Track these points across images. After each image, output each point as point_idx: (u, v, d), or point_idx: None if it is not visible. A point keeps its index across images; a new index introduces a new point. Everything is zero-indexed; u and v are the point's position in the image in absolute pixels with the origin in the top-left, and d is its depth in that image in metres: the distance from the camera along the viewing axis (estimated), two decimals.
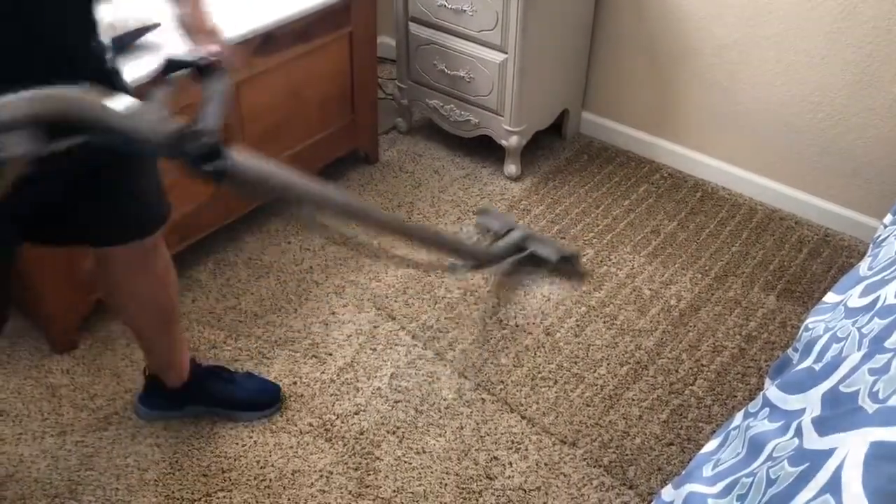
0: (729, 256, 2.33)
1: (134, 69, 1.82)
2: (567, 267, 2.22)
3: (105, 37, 1.76)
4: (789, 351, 1.44)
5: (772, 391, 1.20)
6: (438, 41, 2.52)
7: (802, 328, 1.44)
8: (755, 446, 1.11)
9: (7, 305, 1.44)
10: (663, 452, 1.79)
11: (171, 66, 1.26)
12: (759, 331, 2.09)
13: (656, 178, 2.64)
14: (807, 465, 0.94)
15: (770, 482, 0.98)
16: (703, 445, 1.66)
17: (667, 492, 1.15)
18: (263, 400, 1.84)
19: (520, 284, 2.18)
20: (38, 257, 1.79)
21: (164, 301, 1.63)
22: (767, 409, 1.18)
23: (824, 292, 2.16)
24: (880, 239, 1.59)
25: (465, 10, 2.39)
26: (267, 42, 2.08)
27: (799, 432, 1.03)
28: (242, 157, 1.27)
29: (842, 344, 1.21)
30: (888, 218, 1.71)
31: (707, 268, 2.29)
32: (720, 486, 1.08)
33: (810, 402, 1.09)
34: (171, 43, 1.92)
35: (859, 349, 1.15)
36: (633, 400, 1.90)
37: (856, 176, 2.35)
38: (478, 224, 2.38)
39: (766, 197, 2.54)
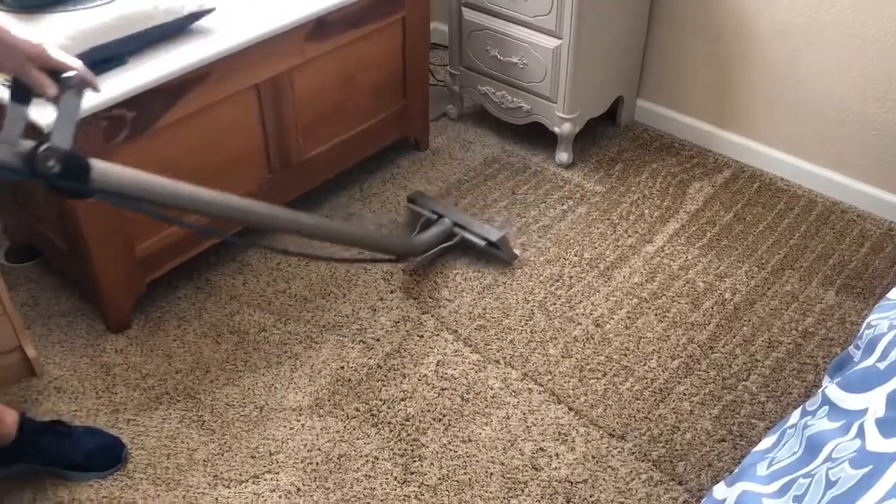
0: (787, 250, 2.26)
1: (188, 54, 1.84)
2: (496, 250, 2.17)
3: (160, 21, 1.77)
4: (850, 348, 1.39)
5: (832, 389, 1.15)
6: (492, 27, 2.49)
7: (865, 325, 1.38)
8: (813, 446, 1.07)
9: None
10: (714, 448, 1.75)
11: (21, 86, 1.21)
12: (816, 327, 2.03)
13: (712, 167, 2.58)
14: (870, 467, 0.91)
15: (830, 484, 0.94)
16: (755, 443, 1.63)
17: (719, 489, 1.12)
18: (103, 460, 1.69)
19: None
20: (96, 238, 1.83)
21: None
22: (827, 408, 1.14)
23: (887, 288, 2.09)
24: None
25: None
26: (321, 27, 2.08)
27: (861, 433, 0.99)
28: (107, 168, 1.27)
29: None
30: None
31: (763, 261, 2.23)
32: (776, 485, 1.05)
33: (873, 403, 1.05)
34: (225, 26, 1.93)
35: None
36: (685, 394, 1.86)
37: None
38: (409, 210, 2.33)
39: (827, 189, 2.46)
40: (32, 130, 1.56)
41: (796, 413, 1.22)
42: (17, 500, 1.64)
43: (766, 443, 1.21)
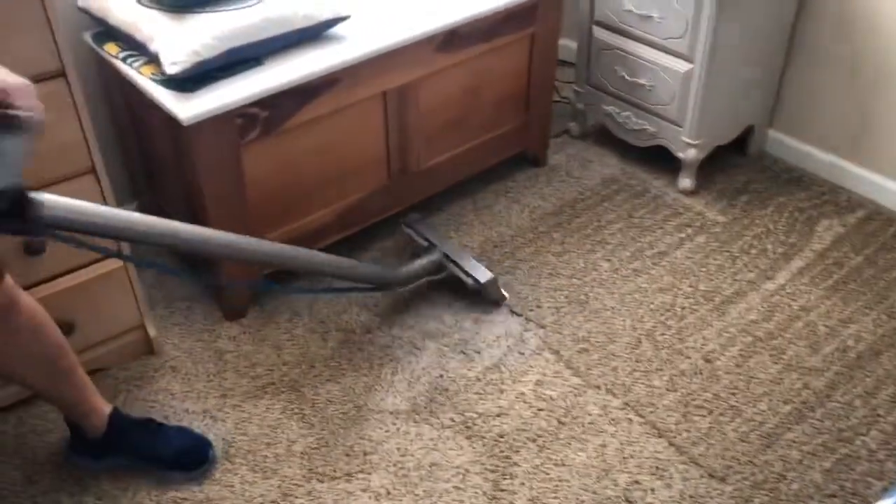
0: None
1: (322, 58, 1.90)
2: (484, 291, 2.08)
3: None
4: None
5: None
6: (622, 47, 2.45)
7: None
8: None
9: None
10: (823, 503, 1.65)
11: None
12: None
13: (845, 206, 2.44)
14: None
15: None
16: (870, 503, 1.52)
17: None
18: (189, 460, 1.71)
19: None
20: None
21: (43, 351, 1.51)
22: None
23: None
24: None
25: (652, 17, 2.31)
26: (451, 39, 2.10)
27: None
28: (56, 203, 1.21)
29: None
30: None
31: (894, 310, 2.09)
32: None
33: None
34: (358, 34, 1.99)
35: None
36: (794, 442, 1.77)
37: None
38: (403, 233, 2.25)
39: None
40: None
41: None
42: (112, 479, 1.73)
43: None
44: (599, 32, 2.50)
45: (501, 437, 1.79)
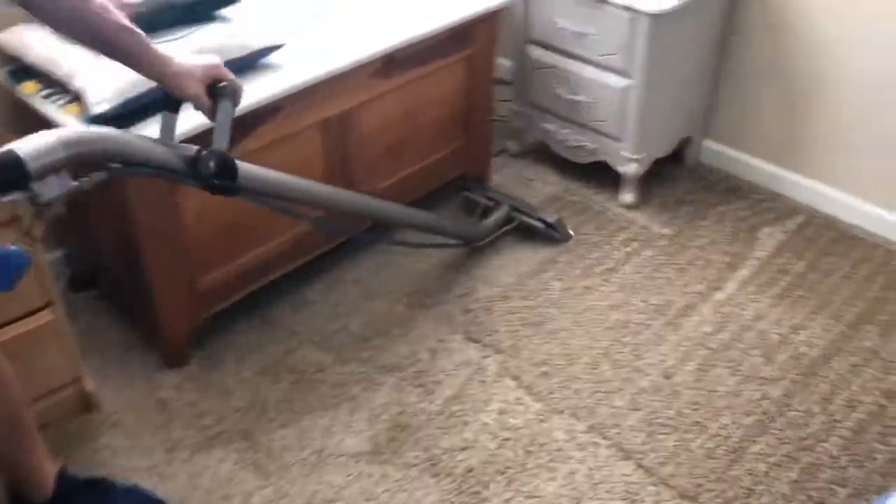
0: (864, 303, 2.16)
1: (260, 88, 1.82)
2: (553, 232, 2.34)
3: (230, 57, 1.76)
4: None
5: None
6: (558, 65, 2.44)
7: None
8: None
9: None
10: None
11: (173, 98, 1.35)
12: None
13: (783, 213, 2.49)
14: None
15: None
16: None
17: None
18: None
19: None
20: (157, 272, 1.81)
21: (2, 407, 1.46)
22: None
23: None
24: None
25: (588, 34, 2.31)
26: (388, 64, 2.05)
27: None
28: (247, 168, 1.41)
29: None
30: None
31: (840, 314, 2.13)
32: None
33: None
34: (293, 62, 1.92)
35: None
36: (760, 454, 1.77)
37: None
38: (465, 199, 2.49)
39: None
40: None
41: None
42: None
43: None
44: (535, 51, 2.49)
45: (469, 472, 1.74)
